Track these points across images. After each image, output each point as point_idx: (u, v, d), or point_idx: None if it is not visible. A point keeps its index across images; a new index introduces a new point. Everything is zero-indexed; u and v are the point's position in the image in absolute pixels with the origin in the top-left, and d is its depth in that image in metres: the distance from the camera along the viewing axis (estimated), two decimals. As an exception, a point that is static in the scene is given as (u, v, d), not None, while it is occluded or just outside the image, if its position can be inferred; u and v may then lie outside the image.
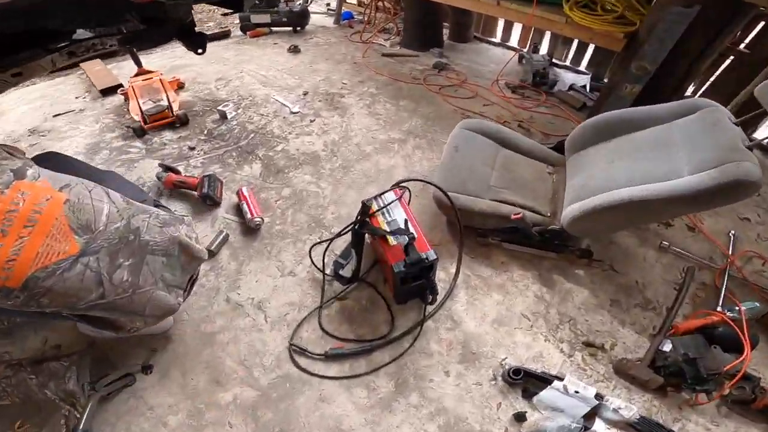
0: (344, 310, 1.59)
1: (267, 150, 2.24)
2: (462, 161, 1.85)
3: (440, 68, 3.03)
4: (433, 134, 2.43)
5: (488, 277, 1.73)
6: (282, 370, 1.43)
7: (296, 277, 1.68)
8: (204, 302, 1.58)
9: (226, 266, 1.70)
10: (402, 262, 1.39)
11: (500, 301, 1.66)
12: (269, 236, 1.81)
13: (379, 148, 2.30)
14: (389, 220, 1.52)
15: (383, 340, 1.51)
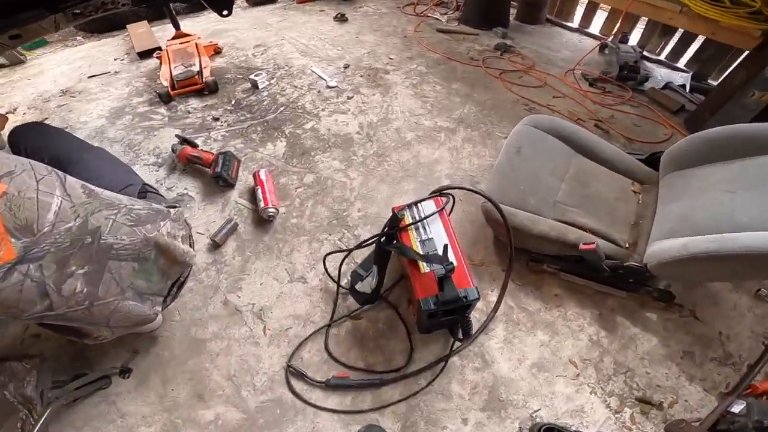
0: (356, 331, 1.28)
1: (295, 127, 1.94)
2: (524, 167, 1.45)
3: (503, 50, 2.57)
4: (489, 126, 2.02)
5: (535, 311, 1.36)
6: (274, 394, 1.16)
7: (306, 284, 1.38)
8: (199, 301, 1.33)
9: (230, 261, 1.43)
10: (433, 299, 1.05)
11: (545, 342, 1.30)
12: (282, 231, 1.52)
13: (422, 137, 1.93)
14: (424, 238, 1.17)
15: (397, 373, 1.21)
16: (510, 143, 1.55)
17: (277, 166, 1.74)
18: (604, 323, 1.34)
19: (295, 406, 1.15)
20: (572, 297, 1.40)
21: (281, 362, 1.22)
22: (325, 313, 1.31)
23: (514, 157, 1.50)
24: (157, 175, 1.72)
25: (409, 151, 1.84)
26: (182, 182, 1.69)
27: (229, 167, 1.66)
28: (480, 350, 1.28)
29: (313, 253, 1.45)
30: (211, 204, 1.60)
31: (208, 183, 1.67)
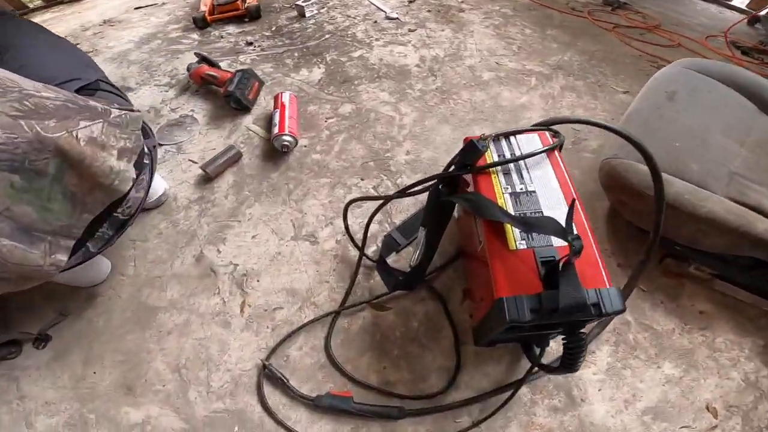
0: (376, 328, 0.77)
1: (339, 54, 1.43)
2: (680, 119, 0.87)
3: (615, 6, 1.91)
4: (600, 77, 1.38)
5: (665, 332, 0.78)
6: (235, 402, 0.69)
7: (316, 246, 0.87)
8: (165, 252, 0.87)
9: (220, 201, 0.96)
10: (530, 300, 0.50)
11: (674, 378, 0.73)
12: (298, 167, 1.02)
13: (504, 78, 1.34)
14: (519, 189, 0.60)
15: (428, 401, 0.70)
16: (654, 87, 0.97)
17: (308, 92, 1.25)
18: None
19: (262, 425, 0.68)
20: (726, 317, 0.80)
21: (256, 357, 0.73)
22: (335, 294, 0.80)
23: (664, 104, 0.91)
24: (165, 95, 1.30)
25: (485, 92, 1.26)
26: (189, 104, 1.25)
27: (246, 87, 1.20)
28: (567, 382, 0.72)
29: (335, 202, 0.94)
30: (216, 129, 1.14)
31: (221, 106, 1.22)
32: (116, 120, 0.73)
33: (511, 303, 0.50)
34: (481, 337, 0.68)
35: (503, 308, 0.50)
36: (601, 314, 0.50)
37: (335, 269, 0.83)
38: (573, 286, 0.49)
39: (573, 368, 0.56)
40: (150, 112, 1.24)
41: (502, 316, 0.50)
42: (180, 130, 1.17)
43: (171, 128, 1.18)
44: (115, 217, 0.75)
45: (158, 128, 1.17)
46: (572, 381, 0.73)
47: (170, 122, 1.19)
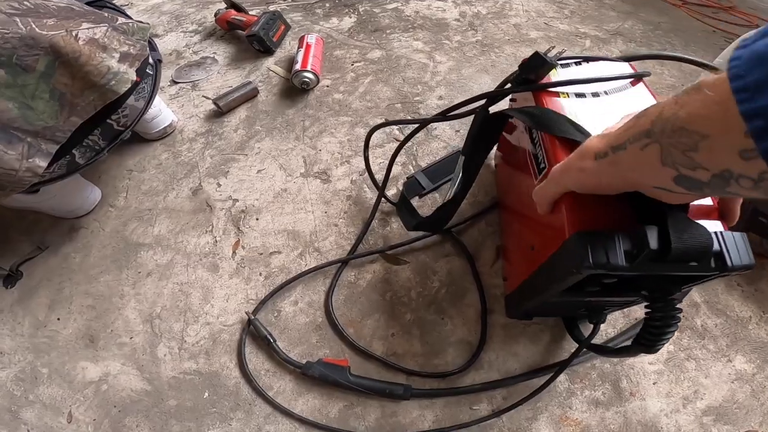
0: (387, 285, 0.59)
1: (373, 6, 1.24)
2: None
3: None
4: (666, 46, 1.12)
5: (743, 320, 0.56)
6: (210, 363, 0.54)
7: (328, 185, 0.70)
8: (160, 183, 0.72)
9: (228, 134, 0.80)
10: (625, 237, 0.30)
11: (745, 374, 0.52)
12: (317, 105, 0.85)
13: (553, 38, 1.12)
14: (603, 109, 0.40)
15: (441, 380, 0.52)
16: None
17: (336, 39, 1.07)
18: None
19: (237, 393, 0.52)
20: None
21: (242, 310, 0.57)
22: (342, 240, 0.63)
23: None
24: (190, 40, 1.16)
25: (531, 48, 1.04)
26: (213, 47, 1.10)
27: (271, 29, 1.04)
28: (615, 371, 0.53)
29: (354, 140, 0.76)
30: (235, 69, 0.99)
31: (244, 49, 1.06)
32: (122, 27, 0.63)
33: (595, 240, 0.30)
34: (520, 303, 0.49)
35: (584, 247, 0.30)
36: (725, 268, 0.30)
37: (346, 212, 0.66)
38: (688, 222, 0.29)
39: (653, 348, 0.35)
40: (172, 54, 1.10)
41: (582, 258, 0.30)
42: (198, 70, 1.02)
43: (189, 68, 1.03)
44: (109, 125, 0.62)
45: (177, 68, 1.03)
46: (622, 370, 0.54)
47: (190, 63, 1.05)
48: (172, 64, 1.06)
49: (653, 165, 0.24)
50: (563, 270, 0.34)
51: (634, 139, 0.25)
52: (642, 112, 0.26)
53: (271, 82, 0.93)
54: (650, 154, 0.24)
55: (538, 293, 0.42)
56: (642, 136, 0.24)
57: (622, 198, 0.32)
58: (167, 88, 0.95)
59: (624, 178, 0.28)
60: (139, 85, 0.65)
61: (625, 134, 0.26)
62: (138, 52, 0.64)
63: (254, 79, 0.95)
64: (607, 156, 0.27)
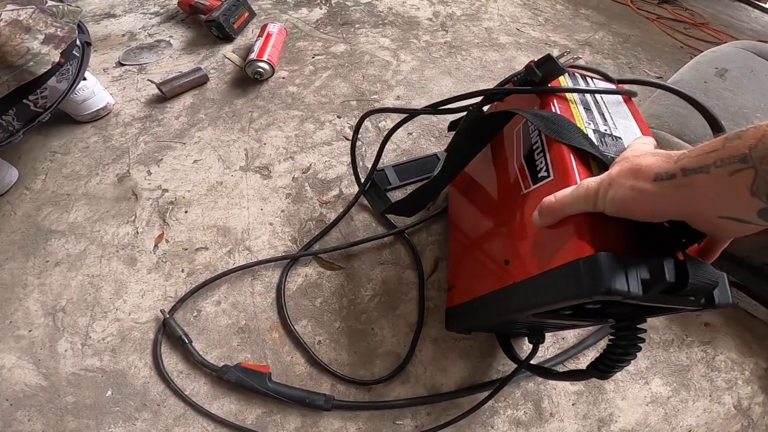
0: (317, 290, 0.55)
1: None
2: (730, 98, 0.65)
3: (663, 0, 1.68)
4: (632, 60, 1.15)
5: (665, 342, 0.57)
6: (116, 360, 0.49)
7: (268, 180, 0.66)
8: (83, 167, 0.67)
9: (168, 121, 0.75)
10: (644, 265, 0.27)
11: (661, 397, 0.53)
12: (269, 97, 0.81)
13: (523, 44, 1.12)
14: (603, 131, 0.37)
15: (365, 391, 0.50)
16: (703, 62, 0.76)
17: (302, 30, 1.04)
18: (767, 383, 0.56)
19: (146, 393, 0.48)
20: (733, 333, 0.60)
21: (158, 308, 0.53)
22: (276, 240, 0.59)
23: (713, 79, 0.70)
24: (147, 22, 1.09)
25: (499, 53, 1.04)
26: (170, 31, 1.04)
27: (234, 15, 0.99)
28: (537, 391, 0.52)
29: (302, 136, 0.73)
30: (189, 54, 0.94)
31: (203, 35, 1.02)
32: (51, 9, 0.63)
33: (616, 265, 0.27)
34: (472, 317, 0.46)
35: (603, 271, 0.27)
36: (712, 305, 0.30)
37: (284, 211, 0.62)
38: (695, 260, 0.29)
39: (609, 373, 0.35)
40: (125, 36, 1.05)
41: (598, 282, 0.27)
42: (149, 53, 0.97)
43: (140, 50, 0.98)
44: (25, 106, 0.59)
45: (126, 50, 0.97)
46: (545, 390, 0.53)
47: (141, 45, 0.99)
48: (122, 45, 1.00)
49: (740, 194, 0.22)
50: (564, 291, 0.30)
51: (722, 162, 0.22)
52: (734, 134, 0.23)
53: (224, 69, 0.88)
54: (740, 182, 0.22)
55: (509, 311, 0.38)
56: (735, 160, 0.22)
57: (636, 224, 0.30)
58: (111, 69, 0.89)
59: (687, 204, 0.25)
60: (63, 67, 0.63)
61: (709, 156, 0.23)
62: (65, 34, 0.63)
63: (207, 65, 0.90)
64: (675, 179, 0.25)
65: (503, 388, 0.50)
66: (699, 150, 0.24)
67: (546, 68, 0.39)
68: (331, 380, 0.51)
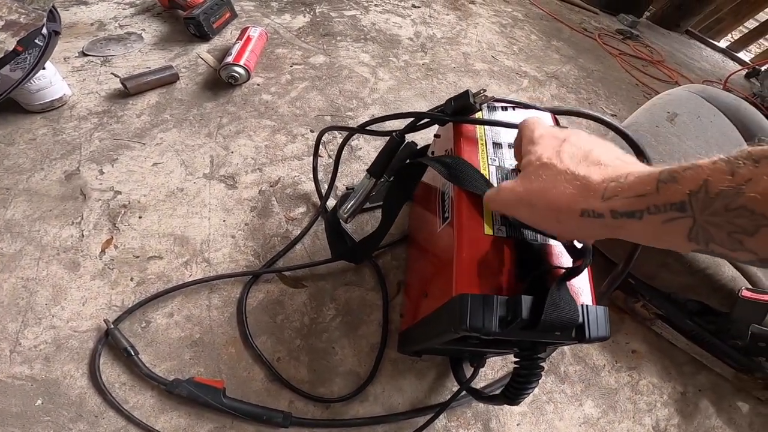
0: (279, 307, 0.55)
1: (331, 9, 1.23)
2: (676, 143, 0.73)
3: (626, 35, 1.82)
4: (593, 96, 1.24)
5: (597, 368, 0.63)
6: (48, 369, 0.46)
7: (233, 190, 0.65)
8: (28, 160, 0.62)
9: (128, 119, 0.72)
10: (503, 303, 0.31)
11: (592, 418, 0.58)
12: (242, 103, 0.80)
13: (496, 72, 1.18)
14: (509, 165, 0.41)
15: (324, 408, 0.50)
16: (658, 105, 0.84)
17: (282, 36, 1.04)
18: (683, 406, 0.65)
19: (82, 403, 0.45)
20: (655, 360, 0.68)
21: (101, 316, 0.50)
22: (237, 254, 0.58)
23: (664, 123, 0.78)
24: (120, 13, 1.05)
25: (473, 80, 1.09)
26: (144, 24, 1.01)
27: (215, 14, 0.98)
28: (486, 411, 0.55)
29: (272, 147, 0.72)
30: (161, 50, 0.91)
31: (179, 31, 0.99)
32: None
33: (476, 303, 0.31)
34: (410, 342, 0.48)
35: (464, 309, 0.31)
36: (583, 339, 0.32)
37: (248, 224, 0.61)
38: (564, 299, 0.31)
39: (516, 401, 0.38)
40: (93, 25, 1.00)
41: (460, 319, 0.31)
42: (117, 45, 0.93)
43: (107, 41, 0.93)
44: None
45: (92, 40, 0.93)
46: (492, 411, 0.55)
47: (110, 36, 0.95)
48: (89, 35, 0.96)
49: (674, 239, 0.21)
50: (444, 326, 0.35)
51: (656, 209, 0.21)
52: (668, 174, 0.21)
53: (196, 70, 0.86)
54: (676, 229, 0.20)
55: (425, 339, 0.42)
56: (671, 208, 0.20)
57: (509, 267, 0.34)
58: (73, 59, 0.85)
59: (615, 235, 0.24)
60: (20, 56, 0.60)
61: (641, 201, 0.21)
62: (29, 21, 0.61)
63: (179, 63, 0.88)
64: (603, 218, 0.23)
65: (456, 408, 0.53)
66: (629, 189, 0.23)
67: (460, 103, 0.42)
68: (290, 397, 0.50)
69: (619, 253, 0.63)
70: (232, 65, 0.82)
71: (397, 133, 0.49)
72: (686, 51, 1.88)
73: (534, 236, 0.36)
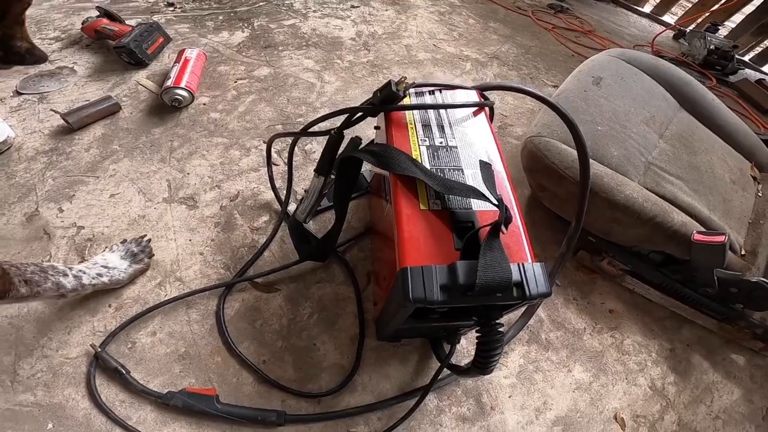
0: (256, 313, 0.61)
1: (269, 21, 1.29)
2: (604, 104, 0.84)
3: (558, 9, 1.99)
4: (533, 71, 1.37)
5: (577, 332, 0.71)
6: (51, 395, 0.52)
7: (195, 210, 0.71)
8: (-15, 205, 0.67)
9: (77, 154, 0.76)
10: (442, 271, 0.37)
11: (584, 383, 0.66)
12: (190, 124, 0.85)
13: (440, 60, 1.28)
14: (439, 143, 0.49)
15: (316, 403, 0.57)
16: (583, 71, 0.94)
17: (222, 53, 1.09)
18: (675, 363, 0.72)
19: (89, 424, 0.51)
20: (635, 317, 0.76)
21: (87, 343, 0.55)
22: (208, 269, 0.64)
23: (591, 87, 0.88)
24: (47, 47, 1.07)
25: (417, 70, 1.18)
26: (74, 57, 1.03)
27: (147, 40, 1.02)
28: (476, 387, 0.62)
29: (227, 164, 0.78)
30: (97, 81, 0.95)
31: (113, 61, 1.02)
32: None
33: (416, 275, 0.36)
34: (382, 328, 0.56)
35: (407, 282, 0.36)
36: (524, 297, 0.38)
37: (213, 240, 0.68)
38: (497, 258, 0.37)
39: (486, 369, 0.43)
40: (21, 60, 1.02)
41: (406, 293, 0.36)
42: (50, 81, 0.96)
43: (40, 78, 0.96)
44: None
45: (24, 78, 0.95)
46: (482, 386, 0.63)
47: (41, 72, 0.98)
48: (19, 73, 0.98)
49: None
50: (397, 301, 0.39)
51: None
52: None
53: (138, 97, 0.91)
54: None
55: (390, 319, 0.48)
56: None
57: (448, 237, 0.40)
58: (8, 99, 0.88)
59: None
60: None
61: None
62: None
63: (119, 93, 0.92)
64: None
65: (446, 387, 0.60)
66: None
67: (385, 93, 0.49)
68: (281, 396, 0.56)
69: (569, 211, 0.68)
70: (173, 88, 0.87)
71: (335, 131, 0.56)
72: (614, 19, 2.07)
73: (466, 203, 0.43)
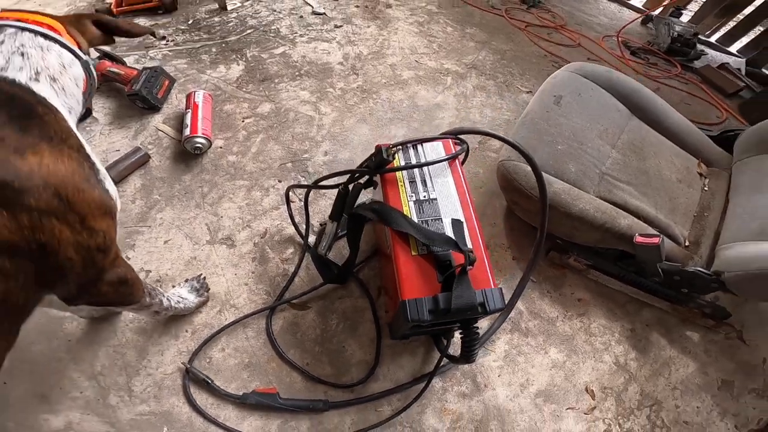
0: (296, 327, 0.81)
1: (261, 51, 1.41)
2: (564, 123, 1.00)
3: (531, 4, 2.09)
4: (508, 77, 1.52)
5: (551, 320, 0.92)
6: (161, 405, 0.71)
7: (234, 249, 0.88)
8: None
9: (126, 206, 0.92)
10: (429, 302, 0.59)
11: (559, 362, 0.87)
12: (213, 170, 1.01)
13: (422, 77, 1.42)
14: (423, 197, 0.68)
15: (350, 392, 0.77)
16: (546, 90, 1.09)
17: (225, 90, 1.22)
18: (635, 342, 0.94)
19: (192, 424, 0.70)
20: (600, 304, 0.97)
21: (177, 361, 0.74)
22: (254, 296, 0.83)
23: (552, 107, 1.04)
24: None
25: (403, 91, 1.33)
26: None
27: (155, 86, 1.14)
28: (471, 369, 0.83)
29: (252, 204, 0.95)
30: (120, 128, 1.08)
31: (126, 105, 1.15)
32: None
33: (412, 305, 0.58)
34: (394, 331, 0.76)
35: (406, 310, 0.58)
36: (486, 312, 0.59)
37: (254, 272, 0.86)
38: (465, 289, 0.58)
39: (469, 359, 0.65)
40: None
41: (406, 316, 0.58)
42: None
43: (68, 129, 1.09)
44: None
45: (53, 129, 1.07)
46: (476, 369, 0.83)
47: (67, 122, 1.10)
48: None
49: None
50: (401, 320, 0.60)
51: None
52: None
53: (161, 144, 1.05)
54: None
55: (399, 328, 0.69)
56: None
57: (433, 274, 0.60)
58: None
59: None
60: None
61: None
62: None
63: (143, 141, 1.06)
64: None
65: (448, 372, 0.80)
66: None
67: (378, 159, 0.67)
68: (324, 388, 0.76)
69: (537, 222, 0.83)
70: (193, 138, 1.01)
71: (342, 187, 0.74)
72: (584, 8, 2.18)
73: (444, 250, 0.62)
